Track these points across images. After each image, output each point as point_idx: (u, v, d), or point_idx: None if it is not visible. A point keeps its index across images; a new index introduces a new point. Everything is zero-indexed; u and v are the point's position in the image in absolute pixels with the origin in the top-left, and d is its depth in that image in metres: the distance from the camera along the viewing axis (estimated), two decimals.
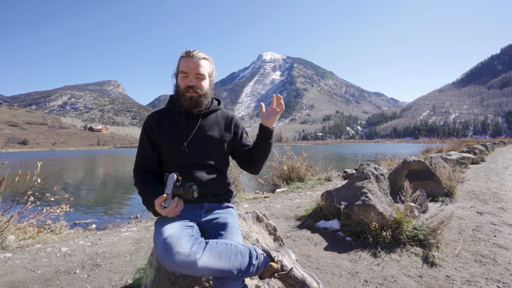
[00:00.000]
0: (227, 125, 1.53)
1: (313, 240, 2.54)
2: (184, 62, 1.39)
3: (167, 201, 1.24)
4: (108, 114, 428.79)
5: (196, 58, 1.39)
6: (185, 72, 1.39)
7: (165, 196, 1.23)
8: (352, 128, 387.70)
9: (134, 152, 1.73)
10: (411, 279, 1.89)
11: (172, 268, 1.05)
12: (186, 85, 1.39)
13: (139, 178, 1.42)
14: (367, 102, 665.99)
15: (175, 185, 1.25)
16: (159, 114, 1.51)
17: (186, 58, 1.39)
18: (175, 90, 1.46)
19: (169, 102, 1.53)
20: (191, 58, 1.39)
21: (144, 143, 1.46)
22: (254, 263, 1.17)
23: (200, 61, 1.40)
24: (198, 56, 1.39)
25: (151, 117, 1.49)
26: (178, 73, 1.43)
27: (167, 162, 1.45)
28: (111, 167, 21.88)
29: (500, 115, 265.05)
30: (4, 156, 2.97)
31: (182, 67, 1.40)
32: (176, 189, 1.25)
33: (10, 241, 2.70)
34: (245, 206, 4.12)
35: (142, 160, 1.45)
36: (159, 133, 1.44)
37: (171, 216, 1.27)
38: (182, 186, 1.25)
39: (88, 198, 8.42)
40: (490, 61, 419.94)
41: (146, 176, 1.42)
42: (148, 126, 1.47)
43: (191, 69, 1.39)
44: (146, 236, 2.84)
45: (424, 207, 3.33)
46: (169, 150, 1.42)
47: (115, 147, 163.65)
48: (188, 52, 1.39)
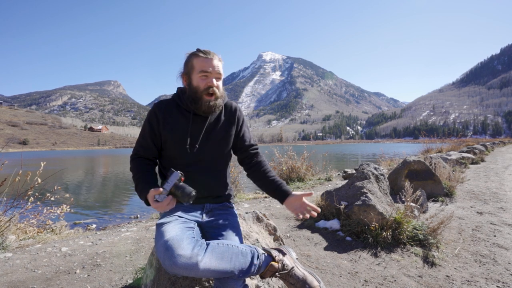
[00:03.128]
0: (231, 120, 1.50)
1: (313, 240, 2.54)
2: (203, 62, 1.33)
3: (161, 195, 1.20)
4: (108, 114, 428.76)
5: (216, 59, 1.36)
6: (206, 71, 1.33)
7: (161, 190, 1.19)
8: (352, 128, 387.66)
9: None
10: (411, 279, 1.90)
11: (174, 270, 1.04)
12: (207, 85, 1.34)
13: (135, 163, 1.41)
14: (367, 102, 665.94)
15: (176, 184, 1.20)
16: (165, 106, 1.43)
17: (205, 57, 1.34)
18: (193, 91, 1.37)
19: (177, 96, 1.45)
20: (211, 58, 1.34)
21: (146, 134, 1.42)
22: (256, 263, 1.17)
23: (219, 62, 1.38)
24: (216, 56, 1.37)
25: (158, 108, 1.41)
26: (194, 73, 1.36)
27: (169, 158, 1.43)
28: (111, 167, 21.88)
29: (499, 115, 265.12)
30: (5, 156, 2.97)
31: (202, 66, 1.33)
32: (175, 188, 1.20)
33: (10, 241, 2.70)
34: (245, 206, 4.12)
35: (140, 150, 1.43)
36: (164, 127, 1.39)
37: (160, 211, 1.26)
38: (182, 189, 1.20)
39: (88, 198, 8.42)
40: (489, 61, 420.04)
41: (143, 162, 1.40)
42: (153, 118, 1.40)
43: (212, 69, 1.34)
44: (146, 236, 2.84)
45: (424, 207, 3.33)
46: (173, 147, 1.39)
47: (115, 147, 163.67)
48: (206, 52, 1.35)
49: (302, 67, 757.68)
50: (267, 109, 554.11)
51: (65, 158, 37.59)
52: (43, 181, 3.06)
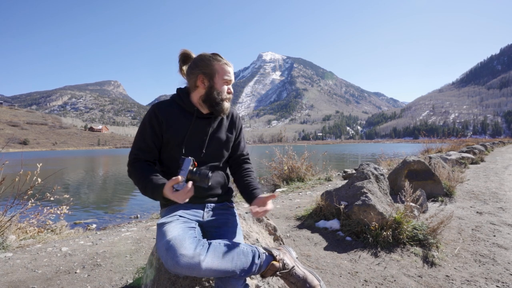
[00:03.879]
0: (231, 126, 1.53)
1: (313, 240, 2.55)
2: (226, 69, 1.40)
3: (180, 184, 1.16)
4: (108, 114, 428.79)
5: (232, 67, 1.43)
6: (229, 79, 1.41)
7: (180, 178, 1.15)
8: (352, 128, 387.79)
9: None
10: (410, 278, 1.90)
11: (176, 270, 1.04)
12: (229, 91, 1.43)
13: (135, 167, 1.32)
14: (367, 102, 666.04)
15: (191, 170, 1.19)
16: (166, 107, 1.39)
17: (228, 65, 1.41)
18: (215, 95, 1.37)
19: (178, 97, 1.42)
20: (231, 66, 1.42)
21: (145, 136, 1.36)
22: (257, 262, 1.18)
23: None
24: (231, 64, 1.44)
25: (159, 109, 1.37)
26: (218, 77, 1.38)
27: (169, 160, 1.41)
28: (111, 167, 21.88)
29: (499, 115, 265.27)
30: (5, 156, 2.98)
31: (226, 73, 1.39)
32: (192, 174, 1.19)
33: (11, 241, 2.71)
34: (245, 206, 4.12)
35: (139, 153, 1.36)
36: (167, 129, 1.35)
37: (180, 201, 1.18)
38: (198, 172, 1.19)
39: (89, 198, 8.43)
40: (489, 61, 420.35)
41: (144, 164, 1.34)
42: (154, 119, 1.35)
43: (232, 77, 1.43)
44: (146, 236, 2.85)
45: (424, 207, 3.34)
46: (175, 148, 1.37)
47: (115, 147, 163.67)
48: (224, 60, 1.41)
49: (302, 67, 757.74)
50: (267, 109, 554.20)
51: (65, 158, 37.58)
52: (43, 181, 3.06)
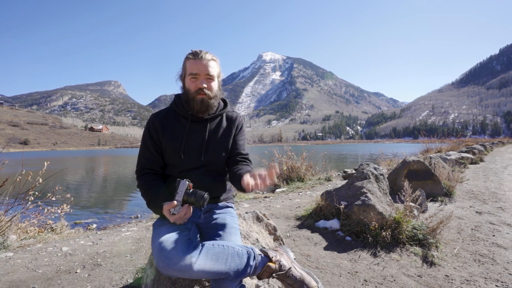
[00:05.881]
0: (231, 129, 1.50)
1: (313, 239, 2.55)
2: (193, 64, 1.34)
3: (176, 207, 1.20)
4: (109, 114, 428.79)
5: (205, 60, 1.34)
6: (195, 74, 1.34)
7: (175, 203, 1.20)
8: (351, 128, 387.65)
9: (135, 152, 1.72)
10: (410, 278, 1.90)
11: (168, 272, 1.04)
12: (197, 87, 1.35)
13: (142, 180, 1.37)
14: (367, 102, 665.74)
15: (187, 192, 1.21)
16: (163, 115, 1.44)
17: (194, 59, 1.35)
18: (186, 94, 1.39)
19: (174, 103, 1.46)
20: (200, 60, 1.34)
21: (147, 144, 1.40)
22: (252, 264, 1.17)
23: (209, 62, 1.35)
24: (206, 57, 1.35)
25: (155, 118, 1.43)
26: (186, 75, 1.38)
27: (169, 165, 1.42)
28: (112, 167, 21.88)
29: (499, 115, 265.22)
30: (6, 156, 2.98)
31: (191, 69, 1.35)
32: (187, 196, 1.21)
33: (11, 241, 2.71)
34: (245, 206, 4.13)
35: (145, 162, 1.40)
36: (163, 136, 1.39)
37: (179, 223, 1.24)
38: (194, 194, 1.20)
39: (89, 198, 8.43)
40: (489, 61, 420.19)
41: (151, 177, 1.37)
42: (152, 127, 1.40)
43: (201, 71, 1.34)
44: (146, 236, 2.85)
45: (424, 207, 3.34)
46: (173, 154, 1.39)
47: (116, 147, 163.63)
48: (195, 53, 1.35)
49: (302, 67, 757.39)
50: (267, 109, 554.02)
51: (65, 158, 37.57)
52: (44, 181, 3.06)
